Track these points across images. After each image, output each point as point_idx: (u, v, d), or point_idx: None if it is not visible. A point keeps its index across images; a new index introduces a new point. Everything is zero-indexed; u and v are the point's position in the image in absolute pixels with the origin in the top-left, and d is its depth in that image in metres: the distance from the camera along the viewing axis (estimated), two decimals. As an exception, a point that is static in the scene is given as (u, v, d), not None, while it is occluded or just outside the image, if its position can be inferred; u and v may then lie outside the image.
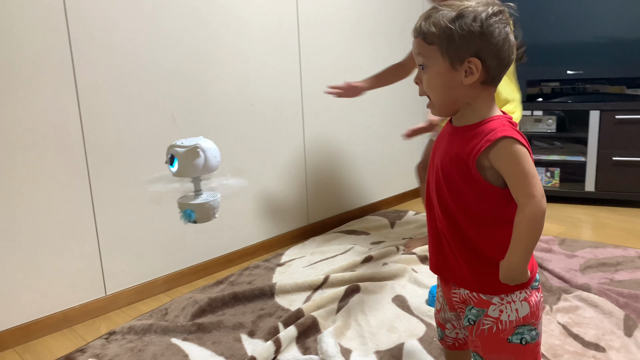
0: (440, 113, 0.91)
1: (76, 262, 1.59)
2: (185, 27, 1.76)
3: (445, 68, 0.85)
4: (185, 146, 1.16)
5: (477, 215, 0.87)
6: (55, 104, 1.50)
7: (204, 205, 1.18)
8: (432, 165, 0.94)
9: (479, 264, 0.89)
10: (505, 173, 0.83)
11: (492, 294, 0.89)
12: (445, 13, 0.84)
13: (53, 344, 1.51)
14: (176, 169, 1.16)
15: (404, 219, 2.48)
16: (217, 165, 1.20)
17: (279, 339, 1.37)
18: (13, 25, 1.40)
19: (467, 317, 0.92)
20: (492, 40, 0.83)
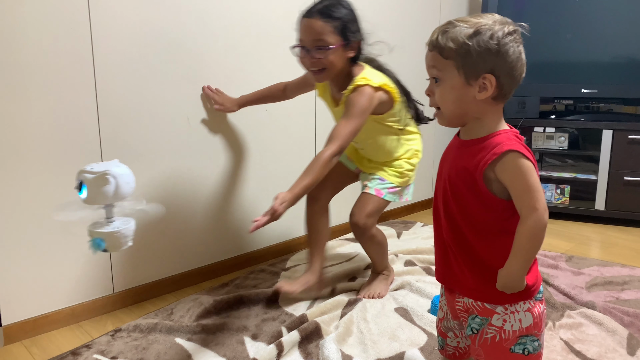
0: (448, 124, 0.94)
1: (86, 259, 1.63)
2: (201, 22, 1.80)
3: (459, 83, 0.88)
4: (94, 172, 1.11)
5: (481, 226, 0.90)
6: (73, 101, 1.54)
7: (114, 234, 1.14)
8: (440, 177, 0.97)
9: (483, 273, 0.91)
10: (510, 186, 0.86)
11: (496, 303, 0.91)
12: (462, 29, 0.86)
13: (60, 339, 1.53)
14: (85, 195, 1.11)
15: (411, 229, 2.48)
16: (130, 191, 1.15)
17: (282, 343, 1.39)
18: (35, 22, 1.45)
19: (471, 326, 0.94)
20: (507, 58, 0.86)
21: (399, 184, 1.72)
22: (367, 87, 1.51)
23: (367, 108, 1.50)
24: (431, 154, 2.89)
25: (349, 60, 1.55)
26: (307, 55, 1.51)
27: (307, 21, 1.49)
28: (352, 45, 1.53)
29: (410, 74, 2.65)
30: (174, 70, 1.74)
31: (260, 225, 1.23)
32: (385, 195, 1.69)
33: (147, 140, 1.71)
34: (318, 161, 1.42)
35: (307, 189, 1.39)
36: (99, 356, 1.40)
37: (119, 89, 1.63)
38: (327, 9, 1.48)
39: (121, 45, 1.61)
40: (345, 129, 1.47)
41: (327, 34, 1.47)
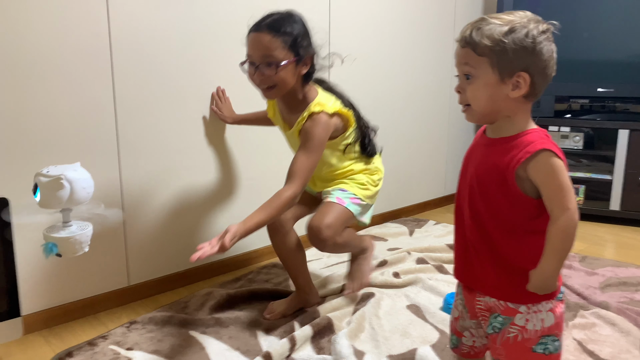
0: (478, 121, 0.94)
1: (103, 251, 1.65)
2: (213, 20, 1.81)
3: (493, 80, 0.87)
4: (49, 176, 1.08)
5: (508, 225, 0.90)
6: (90, 95, 1.56)
7: (67, 239, 1.11)
8: (465, 175, 0.97)
9: (508, 272, 0.91)
10: (541, 185, 0.86)
11: (519, 302, 0.91)
12: (496, 26, 0.86)
13: (77, 329, 1.56)
14: (39, 199, 1.09)
15: (424, 227, 2.48)
16: (86, 197, 1.12)
17: (294, 337, 1.40)
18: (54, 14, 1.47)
19: (492, 325, 0.94)
20: (541, 56, 0.86)
21: (362, 197, 1.59)
22: (322, 115, 1.44)
23: (324, 139, 1.45)
24: (444, 153, 2.88)
25: (301, 77, 1.47)
26: (256, 71, 1.42)
27: (255, 36, 1.40)
28: (305, 61, 1.45)
29: (424, 72, 2.66)
30: (189, 67, 1.76)
31: (204, 256, 1.15)
32: (348, 204, 1.55)
33: (163, 136, 1.73)
34: (278, 199, 1.34)
35: (260, 225, 1.30)
36: (115, 347, 1.42)
37: (137, 83, 1.65)
38: (277, 23, 1.39)
39: (139, 40, 1.63)
40: (305, 164, 1.40)
41: (277, 49, 1.38)
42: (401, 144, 2.61)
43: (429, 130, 2.75)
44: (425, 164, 2.78)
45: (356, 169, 1.61)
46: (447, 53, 2.72)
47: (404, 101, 2.57)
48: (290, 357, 1.35)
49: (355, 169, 1.61)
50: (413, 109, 2.64)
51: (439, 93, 2.76)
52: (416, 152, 2.70)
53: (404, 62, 2.54)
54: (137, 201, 1.71)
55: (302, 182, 1.38)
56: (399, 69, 2.51)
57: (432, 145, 2.80)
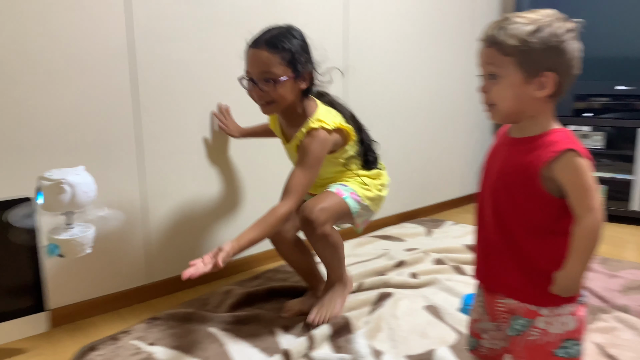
0: (502, 121, 0.94)
1: (124, 250, 1.69)
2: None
3: (519, 80, 0.87)
4: (51, 179, 1.10)
5: (532, 225, 0.90)
6: (110, 98, 1.59)
7: (69, 241, 1.14)
8: (488, 175, 0.97)
9: (530, 274, 0.91)
10: (567, 185, 0.85)
11: (541, 305, 0.90)
12: (522, 25, 0.85)
13: (100, 324, 1.60)
14: (42, 202, 1.11)
15: (441, 228, 2.47)
16: (88, 200, 1.14)
17: (313, 336, 1.41)
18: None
19: (513, 327, 0.94)
20: (567, 55, 0.86)
21: (362, 196, 1.55)
22: (321, 132, 1.43)
23: (322, 155, 1.44)
24: (462, 154, 2.87)
25: (300, 92, 1.46)
26: (254, 87, 1.42)
27: (253, 52, 1.40)
28: (304, 77, 1.44)
29: (441, 72, 2.65)
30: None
31: (196, 275, 1.16)
32: (347, 197, 1.51)
33: (183, 137, 1.76)
34: (272, 216, 1.35)
35: (254, 243, 1.31)
36: (137, 342, 1.45)
37: (157, 86, 1.68)
38: (275, 39, 1.39)
39: (160, 42, 1.66)
40: (301, 180, 1.40)
41: (275, 65, 1.38)
42: (418, 144, 2.60)
43: (446, 130, 2.74)
44: (443, 164, 2.77)
45: (359, 174, 1.61)
46: (463, 53, 2.71)
47: (421, 102, 2.57)
48: (308, 355, 1.37)
49: (359, 173, 1.61)
50: (430, 110, 2.63)
51: (457, 93, 2.75)
52: (434, 152, 2.69)
53: (422, 63, 2.53)
54: (157, 201, 1.74)
55: (298, 199, 1.38)
56: (416, 70, 2.50)
57: (450, 145, 2.79)
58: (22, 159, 1.43)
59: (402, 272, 1.91)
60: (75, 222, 1.17)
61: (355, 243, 2.24)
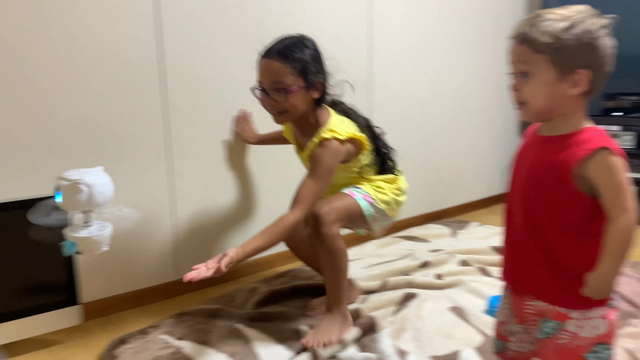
0: (533, 120, 0.93)
1: (154, 247, 1.73)
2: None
3: (551, 78, 0.85)
4: (68, 179, 1.13)
5: (565, 226, 0.88)
6: (140, 100, 1.64)
7: (86, 239, 1.17)
8: (518, 174, 0.96)
9: (561, 276, 0.89)
10: (600, 184, 0.84)
11: (572, 308, 0.89)
12: (554, 22, 0.84)
13: (130, 318, 1.64)
14: (60, 201, 1.15)
15: (467, 229, 2.45)
16: (104, 200, 1.17)
17: (343, 340, 1.42)
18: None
19: (543, 330, 0.93)
20: (600, 52, 0.84)
21: (376, 199, 1.53)
22: (333, 142, 1.41)
23: (333, 166, 1.42)
24: (488, 154, 2.84)
25: (313, 102, 1.46)
26: (266, 97, 1.43)
27: (265, 62, 1.40)
28: (315, 86, 1.43)
29: (467, 71, 2.62)
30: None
31: (197, 278, 1.16)
32: (359, 199, 1.49)
33: (211, 138, 1.79)
34: (280, 225, 1.33)
35: (259, 251, 1.29)
36: (166, 336, 1.49)
37: (186, 87, 1.71)
38: (286, 49, 1.39)
39: (189, 46, 1.69)
40: (311, 190, 1.38)
41: (286, 75, 1.38)
42: (444, 144, 2.59)
43: (471, 131, 2.72)
44: (468, 165, 2.74)
45: (373, 178, 1.58)
46: (489, 53, 2.68)
47: (446, 102, 2.55)
48: (336, 356, 1.38)
49: (372, 178, 1.58)
50: (456, 109, 2.61)
51: (482, 93, 2.72)
52: (459, 153, 2.67)
53: (446, 63, 2.51)
54: (184, 199, 1.78)
55: (307, 208, 1.37)
56: (441, 70, 2.49)
57: (475, 146, 2.76)
58: (53, 158, 1.49)
59: (427, 272, 1.90)
60: (92, 220, 1.20)
61: (379, 243, 2.24)
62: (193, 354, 1.40)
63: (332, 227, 1.41)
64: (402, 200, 1.62)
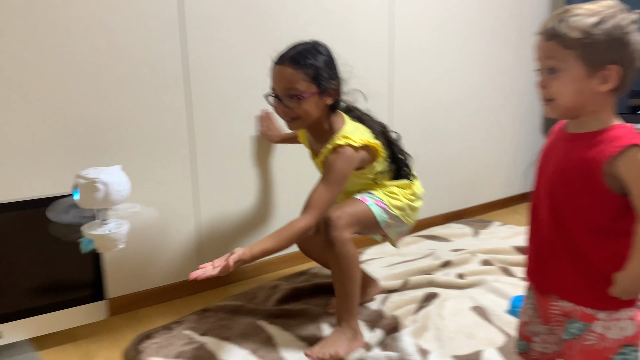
0: (561, 116, 0.92)
1: (178, 244, 1.76)
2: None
3: (581, 74, 0.84)
4: (86, 178, 1.15)
5: (593, 224, 0.87)
6: (164, 100, 1.67)
7: (102, 236, 1.18)
8: (544, 172, 0.95)
9: (589, 276, 0.88)
10: (630, 182, 0.83)
11: (599, 308, 0.88)
12: (583, 17, 0.83)
13: (154, 314, 1.68)
14: (78, 198, 1.16)
15: (489, 228, 2.43)
16: (121, 199, 1.18)
17: (367, 344, 1.41)
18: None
19: (569, 331, 0.91)
20: (631, 48, 0.83)
21: (389, 204, 1.49)
22: (347, 149, 1.39)
23: (347, 173, 1.40)
24: (511, 153, 2.81)
25: (326, 108, 1.44)
26: (279, 104, 1.42)
27: (278, 68, 1.40)
28: (329, 92, 1.42)
29: (489, 69, 2.59)
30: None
31: (203, 277, 1.17)
32: (371, 204, 1.46)
33: (234, 136, 1.82)
34: (289, 229, 1.32)
35: (267, 253, 1.28)
36: (190, 332, 1.51)
37: (209, 87, 1.74)
38: (299, 56, 1.38)
39: (212, 45, 1.72)
40: (323, 196, 1.36)
41: (299, 82, 1.37)
42: (465, 143, 2.56)
43: (493, 129, 2.69)
44: (490, 164, 2.71)
45: (386, 184, 1.55)
46: (511, 50, 2.64)
47: (468, 100, 2.53)
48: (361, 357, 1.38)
49: (386, 184, 1.55)
50: (478, 108, 2.58)
51: (504, 92, 2.68)
52: (481, 152, 2.65)
53: (468, 61, 2.49)
54: (208, 197, 1.80)
55: (318, 215, 1.35)
56: (463, 68, 2.47)
57: (497, 144, 2.73)
58: (80, 157, 1.52)
59: (449, 272, 1.89)
60: (109, 218, 1.22)
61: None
62: (216, 349, 1.42)
63: (344, 231, 1.37)
64: (418, 205, 1.59)
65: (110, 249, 1.21)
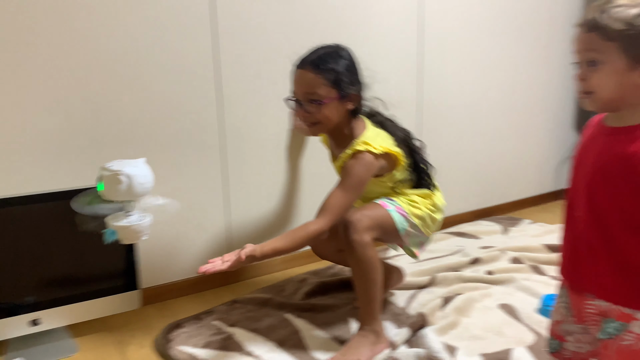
0: (600, 110, 0.90)
1: (209, 237, 1.80)
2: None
3: (622, 66, 0.82)
4: (110, 170, 1.16)
5: (633, 222, 0.85)
6: (195, 93, 1.69)
7: (125, 228, 1.19)
8: (582, 167, 0.93)
9: (627, 274, 0.86)
10: None
11: (637, 308, 0.86)
12: (626, 8, 0.81)
13: (185, 304, 1.71)
14: (102, 190, 1.18)
15: (518, 226, 2.39)
16: (144, 191, 1.19)
17: (394, 343, 1.40)
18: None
19: (605, 330, 0.90)
20: None
21: (409, 212, 1.46)
22: (366, 155, 1.36)
23: (365, 179, 1.37)
24: (541, 150, 2.75)
25: (347, 113, 1.42)
26: (300, 108, 1.40)
27: (299, 72, 1.38)
28: (350, 97, 1.39)
29: (519, 65, 2.54)
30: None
31: (211, 271, 1.16)
32: (392, 210, 1.43)
33: (265, 131, 1.83)
34: (302, 231, 1.30)
35: (277, 253, 1.27)
36: (218, 322, 1.54)
37: (240, 80, 1.76)
38: (320, 60, 1.36)
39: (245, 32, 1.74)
40: (340, 201, 1.33)
41: (319, 86, 1.34)
42: (495, 138, 2.52)
43: (524, 126, 2.63)
44: (520, 161, 2.66)
45: (407, 192, 1.51)
46: (543, 43, 2.58)
47: (497, 97, 2.49)
48: (390, 355, 1.37)
49: (407, 192, 1.51)
50: (507, 104, 2.54)
51: (535, 88, 2.62)
52: (511, 148, 2.60)
53: (499, 56, 2.44)
54: (238, 192, 1.83)
55: (332, 219, 1.32)
56: (493, 63, 2.42)
57: (528, 141, 2.67)
58: (115, 150, 1.57)
59: (477, 269, 1.88)
60: (133, 210, 1.23)
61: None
62: (243, 340, 1.44)
63: (364, 235, 1.34)
64: (438, 218, 1.55)
65: (132, 241, 1.23)
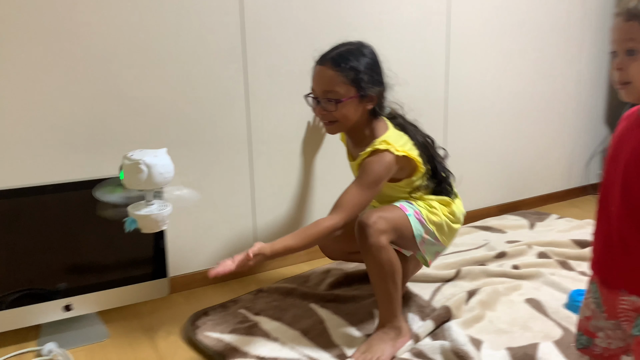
0: (637, 100, 0.87)
1: (232, 227, 1.83)
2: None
3: None
4: (131, 159, 1.16)
5: None
6: (224, 89, 1.71)
7: (146, 217, 1.20)
8: (616, 161, 0.91)
9: None
10: None
11: None
12: None
13: (211, 293, 1.75)
14: (123, 179, 1.19)
15: (545, 221, 2.36)
16: (164, 181, 1.19)
17: (418, 335, 1.40)
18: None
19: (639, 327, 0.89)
20: None
21: (426, 218, 1.40)
22: (387, 154, 1.32)
23: (382, 178, 1.33)
24: (569, 144, 2.70)
25: (367, 112, 1.38)
26: (318, 106, 1.37)
27: (318, 69, 1.35)
28: (370, 97, 1.35)
29: (547, 57, 2.49)
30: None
31: (223, 272, 1.16)
32: (410, 214, 1.37)
33: (292, 128, 1.85)
34: (315, 228, 1.27)
35: (289, 251, 1.24)
36: (244, 311, 1.57)
37: (267, 78, 1.77)
38: (341, 57, 1.32)
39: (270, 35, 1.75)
40: (355, 199, 1.30)
41: (338, 84, 1.31)
42: (522, 133, 2.49)
43: (553, 120, 2.58)
44: (548, 155, 2.62)
45: (426, 198, 1.47)
46: (574, 35, 2.51)
47: (526, 91, 2.44)
48: (414, 347, 1.37)
49: (426, 197, 1.47)
50: (536, 97, 2.49)
51: (564, 82, 2.57)
52: (538, 142, 2.55)
53: (527, 50, 2.40)
54: (265, 185, 1.85)
55: (347, 217, 1.28)
56: (522, 56, 2.38)
57: (556, 135, 2.62)
58: (146, 143, 1.59)
59: (503, 263, 1.86)
60: (154, 199, 1.25)
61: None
62: (268, 329, 1.46)
63: (380, 237, 1.28)
64: (456, 227, 1.49)
65: (153, 230, 1.24)
